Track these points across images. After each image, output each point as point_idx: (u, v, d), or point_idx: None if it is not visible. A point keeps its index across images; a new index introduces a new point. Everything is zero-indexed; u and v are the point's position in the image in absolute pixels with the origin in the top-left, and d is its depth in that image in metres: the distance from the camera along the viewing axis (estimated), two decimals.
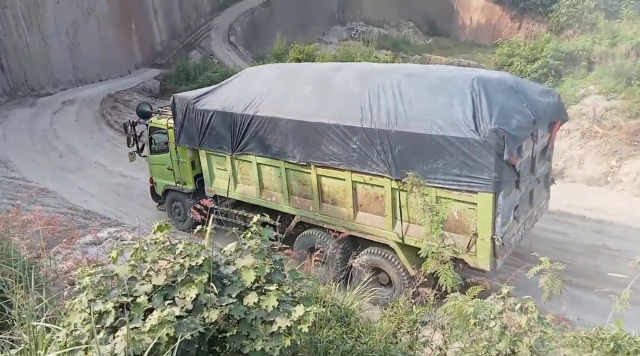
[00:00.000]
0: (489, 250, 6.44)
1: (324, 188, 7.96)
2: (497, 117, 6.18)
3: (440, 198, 6.60)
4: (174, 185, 10.44)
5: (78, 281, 2.77)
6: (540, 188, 8.18)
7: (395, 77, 7.32)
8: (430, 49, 41.27)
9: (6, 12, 21.39)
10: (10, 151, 15.65)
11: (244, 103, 8.54)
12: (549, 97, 7.80)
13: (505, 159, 6.07)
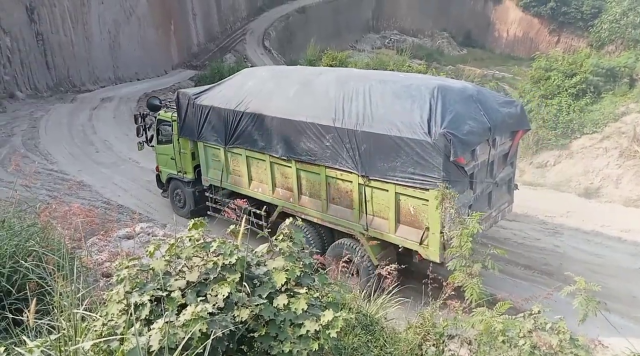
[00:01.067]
0: (438, 243, 6.97)
1: (302, 182, 8.63)
2: (448, 122, 6.77)
3: (399, 194, 7.28)
4: (176, 173, 11.28)
5: (116, 273, 2.87)
6: (502, 192, 8.62)
7: (368, 82, 7.97)
8: (464, 60, 40.80)
9: (54, 11, 22.30)
10: (51, 144, 16.27)
11: (237, 100, 9.30)
12: (510, 107, 8.29)
13: (452, 160, 6.65)
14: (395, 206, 7.41)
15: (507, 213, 8.99)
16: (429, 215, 7.02)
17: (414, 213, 7.26)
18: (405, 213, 7.37)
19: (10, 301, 3.74)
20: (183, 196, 11.41)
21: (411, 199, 7.20)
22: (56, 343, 2.76)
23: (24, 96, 20.85)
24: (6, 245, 4.00)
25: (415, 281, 8.45)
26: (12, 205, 4.71)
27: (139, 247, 6.22)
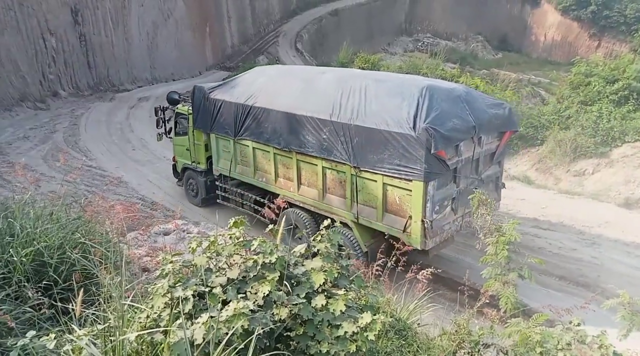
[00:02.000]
0: (419, 231, 7.46)
1: (301, 172, 9.23)
2: (432, 118, 7.24)
3: (386, 184, 7.80)
4: (190, 164, 12.05)
5: (161, 267, 2.96)
6: (489, 190, 8.79)
7: (365, 81, 8.54)
8: (499, 64, 39.96)
9: (97, 13, 23.12)
10: (90, 141, 16.85)
11: (247, 95, 9.97)
12: (499, 109, 8.72)
13: (432, 153, 7.08)
14: (383, 196, 7.93)
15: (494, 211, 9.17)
16: (412, 205, 7.52)
17: (399, 202, 7.78)
18: (392, 203, 7.88)
19: (57, 290, 3.92)
20: (196, 185, 12.15)
21: (397, 189, 7.72)
22: (102, 332, 2.87)
23: (66, 94, 21.67)
24: (54, 236, 4.19)
25: (447, 288, 8.36)
26: (59, 199, 4.91)
27: (175, 243, 6.37)
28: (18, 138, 16.39)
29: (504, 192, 9.93)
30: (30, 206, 4.69)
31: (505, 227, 5.11)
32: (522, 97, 22.16)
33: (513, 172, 16.56)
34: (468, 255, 9.97)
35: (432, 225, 7.45)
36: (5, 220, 4.34)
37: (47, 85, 20.92)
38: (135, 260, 4.84)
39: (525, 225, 11.15)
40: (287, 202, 9.21)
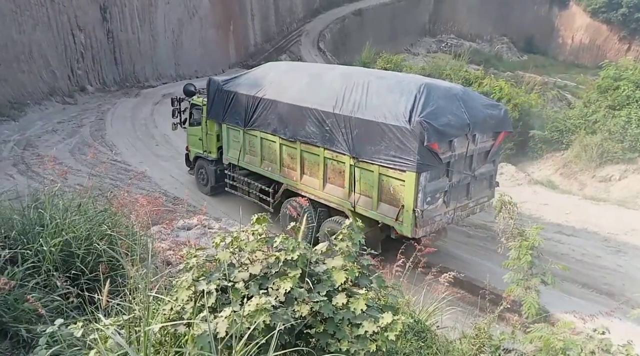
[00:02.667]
0: (411, 220, 7.81)
1: (304, 162, 9.64)
2: (427, 113, 7.60)
3: (382, 175, 8.20)
4: (202, 153, 12.57)
5: (185, 261, 3.02)
6: (482, 187, 9.27)
7: (368, 78, 9.00)
8: (524, 66, 39.28)
9: (124, 10, 23.56)
10: (115, 136, 17.19)
11: (258, 88, 10.50)
12: (494, 110, 9.07)
13: (425, 145, 7.44)
14: (378, 186, 8.33)
15: (485, 207, 9.62)
16: (405, 194, 7.89)
17: (393, 192, 8.17)
18: (386, 192, 8.28)
19: (84, 280, 4.02)
20: (206, 174, 12.67)
21: (391, 179, 8.12)
22: (127, 323, 2.94)
23: (93, 90, 22.14)
24: (82, 228, 4.30)
25: (466, 291, 8.27)
26: (87, 192, 5.04)
27: (197, 237, 6.47)
28: (47, 132, 16.83)
29: (526, 195, 9.87)
30: (59, 198, 4.83)
31: (529, 232, 5.03)
32: (548, 100, 21.75)
33: (536, 176, 16.28)
34: (488, 259, 9.85)
35: (423, 214, 7.84)
36: (35, 210, 4.48)
37: (75, 80, 21.41)
38: (159, 253, 4.93)
39: (548, 230, 10.95)
40: (287, 190, 10.16)
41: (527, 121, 17.92)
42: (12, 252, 4.03)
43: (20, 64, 18.44)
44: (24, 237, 4.24)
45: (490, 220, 10.93)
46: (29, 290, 3.71)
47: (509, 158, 17.29)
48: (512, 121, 17.57)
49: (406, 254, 5.21)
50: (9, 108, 17.52)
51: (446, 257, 9.61)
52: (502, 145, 9.55)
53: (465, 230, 11.53)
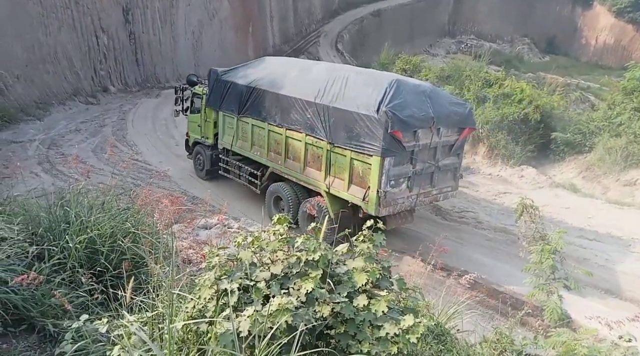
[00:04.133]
0: (375, 200, 8.69)
1: (288, 147, 10.54)
2: (393, 104, 8.50)
3: (353, 159, 9.07)
4: (200, 138, 13.50)
5: (207, 259, 3.05)
6: (446, 177, 10.04)
7: (348, 73, 10.03)
8: (546, 67, 38.67)
9: (146, 12, 23.94)
10: (136, 136, 17.46)
11: (252, 78, 11.51)
12: (459, 108, 9.88)
13: (389, 132, 8.32)
14: (350, 169, 9.20)
15: (449, 197, 10.50)
16: (371, 177, 8.75)
17: (361, 175, 9.04)
18: (356, 175, 9.15)
19: (107, 277, 4.10)
20: (202, 159, 13.59)
21: (360, 163, 8.99)
22: (151, 320, 2.99)
23: (115, 90, 22.54)
24: (106, 225, 4.38)
25: (485, 294, 8.18)
26: (110, 190, 5.14)
27: (217, 237, 6.53)
28: (70, 131, 17.18)
29: (547, 198, 9.76)
30: (83, 196, 4.93)
31: (551, 236, 4.95)
32: (570, 102, 21.35)
33: (558, 179, 15.99)
34: (508, 262, 9.71)
35: (386, 195, 8.70)
36: (61, 208, 4.58)
37: (98, 81, 21.83)
38: (180, 251, 4.99)
39: (570, 234, 10.73)
40: (273, 173, 11.18)
41: (549, 123, 17.62)
42: (39, 248, 4.14)
43: (45, 65, 18.89)
44: (50, 234, 4.33)
45: (510, 224, 10.78)
46: (55, 286, 3.80)
47: (530, 161, 17.02)
48: (534, 123, 17.43)
49: (424, 256, 5.17)
50: (34, 108, 17.96)
51: (465, 260, 9.52)
52: (466, 140, 10.38)
53: (484, 234, 11.40)
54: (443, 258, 8.67)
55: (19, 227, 4.24)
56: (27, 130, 16.57)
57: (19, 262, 3.81)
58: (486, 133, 17.46)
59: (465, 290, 7.70)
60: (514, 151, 16.93)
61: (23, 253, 3.93)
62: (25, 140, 15.61)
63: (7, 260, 3.59)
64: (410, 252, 9.79)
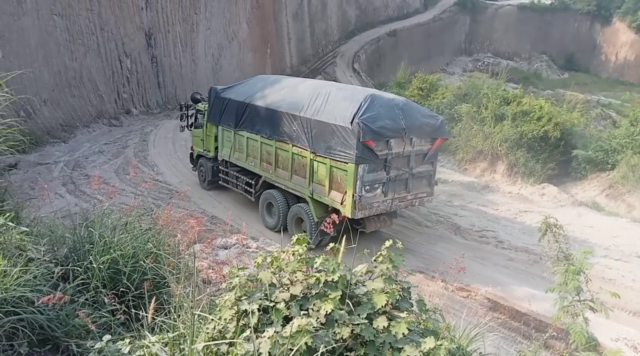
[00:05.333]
0: (351, 204, 9.46)
1: (278, 158, 11.42)
2: (366, 117, 9.30)
3: (332, 167, 9.86)
4: (203, 151, 14.46)
5: (228, 280, 3.08)
6: (421, 184, 10.72)
7: (330, 89, 10.97)
8: (565, 84, 38.29)
9: (168, 37, 24.67)
10: (157, 156, 17.81)
11: (247, 95, 12.50)
12: (431, 120, 10.66)
13: (361, 141, 9.11)
14: (329, 176, 9.98)
15: (424, 203, 11.20)
16: (347, 182, 9.54)
17: (339, 181, 9.82)
18: (335, 181, 9.93)
19: (128, 297, 4.16)
20: (205, 170, 14.50)
21: (339, 170, 9.79)
22: (172, 340, 3.02)
23: (137, 112, 23.12)
24: (128, 245, 4.46)
25: (507, 316, 8.00)
26: (132, 210, 5.24)
27: (235, 256, 6.58)
28: (94, 153, 17.63)
29: (570, 217, 9.59)
30: (107, 217, 5.04)
31: (575, 256, 4.84)
32: (591, 119, 21.03)
33: (580, 197, 15.69)
34: (530, 283, 9.51)
35: (361, 199, 9.49)
36: (86, 229, 4.69)
37: (121, 104, 22.44)
38: (200, 272, 5.04)
39: (595, 254, 10.49)
40: (265, 182, 12.05)
41: (570, 140, 17.37)
42: (64, 268, 4.23)
43: (71, 89, 19.54)
44: (74, 254, 4.43)
45: (532, 243, 10.58)
46: (79, 306, 3.86)
47: (551, 179, 16.76)
48: (554, 140, 17.21)
49: (443, 276, 5.11)
50: (60, 131, 18.52)
51: (487, 281, 9.36)
52: (439, 149, 11.16)
53: (506, 253, 11.20)
54: (463, 279, 8.57)
55: (45, 247, 4.35)
56: (53, 152, 17.06)
57: (44, 282, 3.90)
58: (505, 151, 17.31)
59: (487, 311, 7.57)
60: (534, 169, 16.71)
61: (49, 273, 4.02)
62: (50, 162, 16.07)
63: (34, 280, 3.67)
64: (429, 272, 9.69)
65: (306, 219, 10.67)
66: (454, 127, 19.63)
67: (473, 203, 14.81)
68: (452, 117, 19.84)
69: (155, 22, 23.94)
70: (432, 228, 12.71)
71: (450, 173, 17.74)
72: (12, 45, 16.53)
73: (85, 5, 20.02)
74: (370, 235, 10.81)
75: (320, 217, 10.22)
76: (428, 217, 13.36)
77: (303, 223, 10.90)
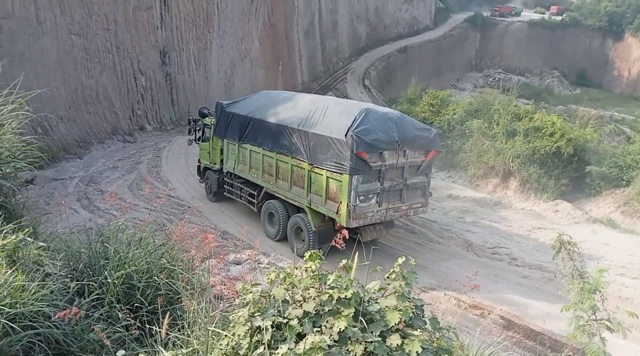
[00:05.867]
0: (346, 213, 9.78)
1: (279, 169, 11.81)
2: (360, 129, 9.69)
3: (328, 178, 10.22)
4: (209, 164, 14.96)
5: (241, 296, 3.10)
6: (416, 195, 11.01)
7: (328, 103, 11.43)
8: (577, 100, 38.13)
9: (182, 55, 25.14)
10: (170, 172, 18.01)
11: (250, 110, 13.01)
12: (425, 133, 10.96)
13: (355, 153, 9.49)
14: (326, 186, 10.32)
15: (419, 212, 11.54)
16: (342, 192, 9.87)
17: (335, 191, 10.14)
18: (331, 192, 10.25)
19: (142, 313, 4.19)
20: (211, 182, 14.96)
21: (334, 181, 10.11)
22: None
23: (151, 129, 23.46)
24: (143, 261, 4.51)
25: (522, 335, 7.87)
26: (147, 226, 5.30)
27: (247, 272, 6.59)
28: (108, 168, 17.88)
29: (585, 234, 9.49)
30: (122, 232, 5.11)
31: (590, 274, 4.78)
32: (604, 135, 20.86)
33: (595, 214, 15.48)
34: (544, 301, 9.36)
35: (355, 209, 9.82)
36: (101, 244, 4.76)
37: (135, 120, 22.81)
38: (212, 287, 5.06)
39: (611, 272, 10.25)
40: (267, 193, 12.44)
41: (583, 156, 17.22)
42: (80, 283, 4.28)
43: (87, 106, 19.94)
44: (90, 270, 4.49)
45: (546, 260, 10.44)
46: (94, 321, 3.90)
47: (564, 195, 16.58)
48: (567, 157, 17.07)
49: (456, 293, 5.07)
50: (75, 147, 18.85)
51: (500, 299, 9.23)
52: (433, 161, 11.45)
53: (519, 271, 11.06)
54: (476, 296, 8.47)
55: (61, 262, 4.42)
56: (68, 168, 17.35)
57: (61, 297, 3.95)
58: (517, 167, 17.20)
59: (501, 330, 7.46)
60: (547, 185, 16.56)
61: (65, 288, 4.07)
62: (66, 177, 16.33)
63: (51, 295, 3.72)
64: (441, 289, 9.59)
65: (304, 228, 10.95)
66: (465, 142, 19.60)
67: (485, 220, 14.68)
68: (463, 133, 19.81)
69: (170, 41, 24.43)
70: (444, 244, 12.61)
71: (461, 189, 17.64)
72: (31, 64, 16.97)
73: (102, 24, 20.53)
74: (382, 252, 10.80)
75: (317, 227, 10.61)
76: (440, 233, 13.27)
77: (302, 233, 11.16)
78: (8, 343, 3.16)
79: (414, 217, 14.31)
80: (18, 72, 16.16)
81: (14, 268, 3.64)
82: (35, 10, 17.44)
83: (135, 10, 22.10)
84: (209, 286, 3.41)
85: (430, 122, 21.38)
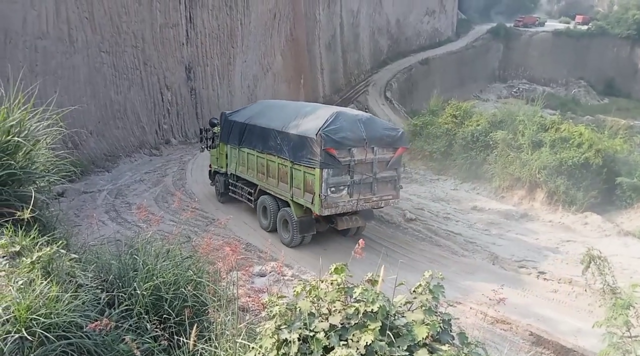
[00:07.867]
0: (318, 202, 11.06)
1: (269, 168, 13.13)
2: (329, 129, 11.01)
3: (305, 172, 11.44)
4: (218, 168, 16.30)
5: (268, 308, 3.13)
6: (387, 187, 12.14)
7: (309, 108, 13.10)
8: (605, 110, 37.25)
9: (206, 70, 25.70)
10: (194, 185, 18.29)
11: (247, 117, 14.49)
12: (392, 132, 12.20)
13: (324, 149, 10.78)
14: (304, 180, 11.53)
15: (390, 204, 12.70)
16: (315, 185, 11.08)
17: (311, 184, 11.30)
18: (307, 185, 11.44)
19: (170, 324, 4.25)
20: (219, 184, 16.25)
21: (309, 175, 11.34)
22: None
23: (176, 142, 23.95)
24: (170, 273, 4.59)
25: (551, 351, 7.64)
26: (174, 238, 5.41)
27: (271, 284, 6.63)
28: (135, 182, 18.29)
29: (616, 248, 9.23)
30: (150, 244, 5.22)
31: (623, 289, 4.64)
32: (635, 145, 20.26)
33: (626, 226, 14.99)
34: (575, 316, 9.08)
35: (327, 199, 11.05)
36: (130, 256, 4.87)
37: (161, 134, 23.34)
38: (237, 299, 5.10)
39: None
40: (261, 190, 13.76)
41: (613, 168, 16.75)
42: (110, 294, 4.39)
43: (115, 121, 20.53)
44: (119, 281, 4.59)
45: (576, 274, 10.14)
46: (123, 332, 3.99)
47: (594, 207, 16.13)
48: (596, 168, 16.65)
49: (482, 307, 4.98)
50: (104, 161, 19.38)
51: (529, 313, 9.01)
52: (401, 157, 12.45)
53: (548, 285, 10.78)
54: (503, 311, 8.27)
55: (92, 274, 4.53)
56: (97, 181, 17.82)
57: (92, 308, 4.05)
58: (544, 178, 16.84)
59: (530, 346, 7.27)
60: (576, 197, 16.13)
61: (96, 299, 4.18)
62: (94, 190, 16.76)
63: (83, 306, 3.82)
64: (467, 303, 9.42)
65: (289, 219, 12.23)
66: (490, 154, 19.33)
67: (511, 232, 14.39)
68: (487, 144, 19.55)
69: (195, 57, 25.01)
70: (469, 257, 12.41)
71: (486, 201, 17.35)
72: (63, 82, 17.62)
73: (131, 42, 21.20)
74: (406, 264, 10.65)
75: (299, 217, 11.95)
76: (464, 245, 13.07)
77: (289, 225, 12.40)
78: (43, 352, 3.24)
79: (437, 229, 14.21)
80: (51, 89, 16.86)
81: (49, 279, 3.75)
82: (68, 29, 18.16)
83: (162, 28, 22.76)
84: (236, 298, 3.44)
85: (453, 133, 21.17)
